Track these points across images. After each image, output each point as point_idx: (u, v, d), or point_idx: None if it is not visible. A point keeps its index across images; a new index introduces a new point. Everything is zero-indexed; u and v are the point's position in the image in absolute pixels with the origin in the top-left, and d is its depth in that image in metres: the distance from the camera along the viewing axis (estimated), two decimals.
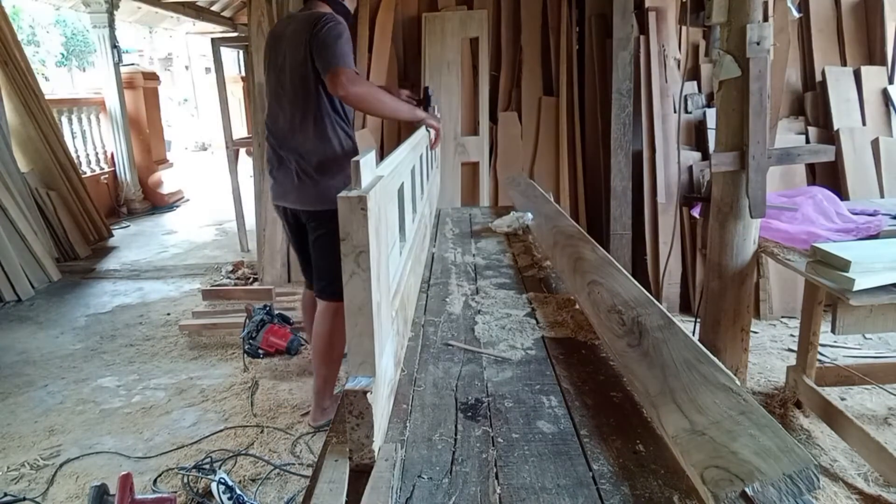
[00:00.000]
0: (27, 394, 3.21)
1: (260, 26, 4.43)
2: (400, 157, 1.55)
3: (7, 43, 5.47)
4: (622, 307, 1.50)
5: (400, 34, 4.62)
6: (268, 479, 2.42)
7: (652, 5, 4.01)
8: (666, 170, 3.96)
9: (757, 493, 0.83)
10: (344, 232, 1.00)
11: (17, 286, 4.66)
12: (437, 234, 2.91)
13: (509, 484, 1.02)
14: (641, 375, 1.22)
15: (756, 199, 2.49)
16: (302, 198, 2.42)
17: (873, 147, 3.87)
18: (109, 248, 6.17)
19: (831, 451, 2.43)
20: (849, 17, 4.03)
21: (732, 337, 2.70)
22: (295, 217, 2.53)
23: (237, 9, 9.46)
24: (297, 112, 2.37)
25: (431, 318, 1.81)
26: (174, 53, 18.24)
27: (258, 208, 4.61)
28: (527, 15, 4.48)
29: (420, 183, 2.27)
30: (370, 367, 1.06)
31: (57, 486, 2.44)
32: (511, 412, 1.25)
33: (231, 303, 4.29)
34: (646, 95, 4.01)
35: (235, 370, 3.38)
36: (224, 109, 5.39)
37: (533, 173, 4.46)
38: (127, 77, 7.54)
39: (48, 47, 17.61)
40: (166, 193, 8.17)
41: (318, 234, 2.45)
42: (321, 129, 2.36)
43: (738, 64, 2.43)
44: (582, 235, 2.21)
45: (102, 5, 6.91)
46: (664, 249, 3.90)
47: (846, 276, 2.00)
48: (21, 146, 5.61)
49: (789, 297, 3.80)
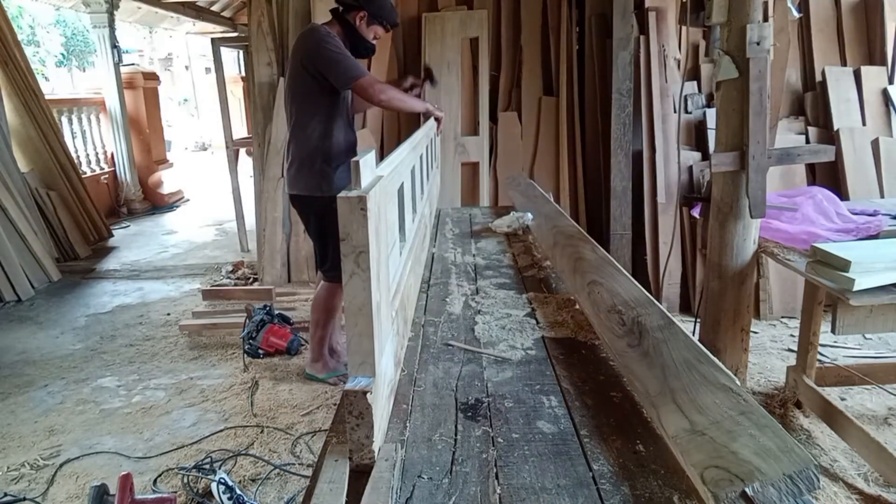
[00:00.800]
0: (27, 394, 3.21)
1: (260, 26, 4.43)
2: (400, 157, 1.55)
3: (7, 43, 5.48)
4: (622, 307, 1.50)
5: (400, 34, 4.61)
6: (268, 479, 2.42)
7: (652, 5, 4.01)
8: (666, 170, 3.96)
9: (757, 494, 0.83)
10: (344, 232, 1.00)
11: (17, 286, 4.66)
12: (437, 234, 2.91)
13: (509, 484, 1.02)
14: (641, 375, 1.22)
15: (756, 199, 2.49)
16: (287, 183, 2.85)
17: (873, 147, 3.87)
18: (109, 248, 6.17)
19: (831, 451, 2.43)
20: (849, 17, 4.03)
21: (732, 337, 2.70)
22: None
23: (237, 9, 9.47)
24: (290, 113, 2.77)
25: (431, 318, 1.81)
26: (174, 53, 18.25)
27: (258, 208, 4.61)
28: (527, 15, 4.48)
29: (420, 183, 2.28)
30: (370, 368, 1.06)
31: (57, 486, 2.44)
32: (511, 412, 1.25)
33: (231, 303, 4.29)
34: (646, 95, 4.01)
35: (235, 370, 3.38)
36: (224, 109, 5.39)
37: (533, 173, 4.46)
38: (127, 77, 7.55)
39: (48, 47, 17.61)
40: (166, 193, 8.17)
41: (306, 220, 2.91)
42: (301, 129, 2.72)
43: (738, 64, 2.43)
44: (582, 235, 2.21)
45: (102, 5, 6.91)
46: (664, 249, 3.90)
47: (846, 276, 2.00)
48: (21, 146, 5.61)
49: (789, 297, 3.80)
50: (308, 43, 2.62)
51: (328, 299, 2.96)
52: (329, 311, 2.99)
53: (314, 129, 2.69)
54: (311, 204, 2.77)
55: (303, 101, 2.69)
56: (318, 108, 2.68)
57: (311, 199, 2.75)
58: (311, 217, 2.85)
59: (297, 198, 2.82)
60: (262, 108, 4.53)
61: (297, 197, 2.82)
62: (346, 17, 2.73)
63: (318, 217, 2.78)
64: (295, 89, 2.71)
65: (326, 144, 2.71)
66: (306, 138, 2.71)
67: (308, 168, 2.72)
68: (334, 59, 2.57)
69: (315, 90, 2.65)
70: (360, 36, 2.73)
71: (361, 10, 2.69)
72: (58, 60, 17.80)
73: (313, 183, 2.72)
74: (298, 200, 2.83)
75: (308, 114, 2.69)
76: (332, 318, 3.03)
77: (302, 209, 2.88)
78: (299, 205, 2.87)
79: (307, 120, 2.69)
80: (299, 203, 2.85)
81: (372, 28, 2.75)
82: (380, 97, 2.65)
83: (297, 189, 2.78)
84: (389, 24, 2.80)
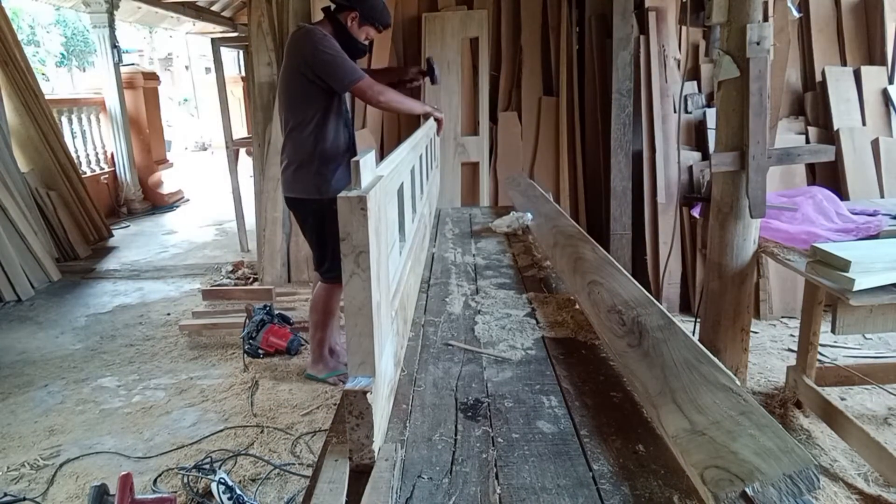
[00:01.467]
0: (27, 394, 3.21)
1: (260, 26, 4.43)
2: (400, 157, 1.55)
3: (7, 43, 5.47)
4: (622, 307, 1.50)
5: (400, 34, 4.61)
6: (268, 479, 2.42)
7: (652, 5, 4.01)
8: (666, 170, 3.96)
9: (757, 494, 0.83)
10: (344, 232, 1.00)
11: (17, 286, 4.66)
12: (437, 234, 2.91)
13: (509, 484, 1.02)
14: (641, 375, 1.22)
15: (756, 199, 2.49)
16: (283, 185, 2.83)
17: (873, 147, 3.87)
18: (109, 248, 6.17)
19: (831, 451, 2.43)
20: (849, 17, 4.03)
21: (732, 337, 2.70)
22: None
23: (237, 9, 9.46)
24: (282, 116, 2.76)
25: (431, 318, 1.81)
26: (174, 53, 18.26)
27: (258, 208, 4.61)
28: (527, 15, 4.48)
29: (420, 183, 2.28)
30: (370, 367, 1.06)
31: (57, 486, 2.44)
32: (511, 412, 1.25)
33: (231, 303, 4.29)
34: (646, 95, 4.01)
35: (235, 370, 3.38)
36: (224, 109, 5.39)
37: (533, 173, 4.46)
38: (127, 77, 7.55)
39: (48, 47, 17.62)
40: (166, 193, 8.17)
41: (302, 222, 2.88)
42: (298, 132, 2.69)
43: (738, 64, 2.43)
44: (582, 235, 2.21)
45: (102, 5, 6.91)
46: (664, 249, 3.90)
47: (846, 276, 2.00)
48: (21, 146, 5.61)
49: (789, 297, 3.80)
50: (305, 46, 2.58)
51: (327, 301, 2.95)
52: (328, 313, 2.98)
53: (311, 132, 2.67)
54: (309, 206, 2.75)
55: (300, 102, 2.65)
56: (315, 111, 2.65)
57: (308, 202, 2.73)
58: (308, 219, 2.82)
59: (293, 200, 2.80)
60: (262, 108, 4.53)
61: (294, 199, 2.80)
62: (337, 17, 2.70)
63: (316, 219, 2.77)
64: (290, 91, 2.68)
65: (323, 146, 2.69)
66: (303, 140, 2.68)
67: (305, 170, 2.70)
68: (333, 63, 2.55)
69: (311, 92, 2.62)
70: (351, 36, 2.70)
71: (353, 10, 2.66)
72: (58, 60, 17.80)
73: (311, 185, 2.70)
74: (295, 203, 2.81)
75: (304, 116, 2.66)
76: (332, 319, 3.01)
77: (299, 211, 2.86)
78: (296, 207, 2.84)
79: (303, 122, 2.66)
80: (296, 205, 2.83)
81: (364, 29, 2.72)
82: (379, 99, 2.64)
83: (295, 192, 2.76)
84: (381, 25, 2.76)
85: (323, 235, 2.78)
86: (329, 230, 2.74)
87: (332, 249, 2.77)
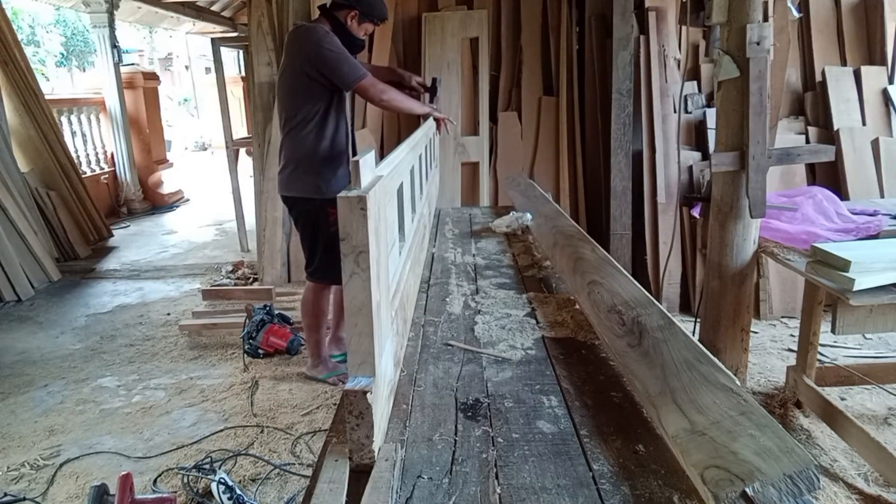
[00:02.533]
0: (27, 394, 3.21)
1: (260, 26, 4.43)
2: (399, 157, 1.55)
3: (7, 43, 5.47)
4: (622, 307, 1.50)
5: (400, 34, 4.61)
6: (268, 479, 2.42)
7: (652, 5, 4.01)
8: (666, 170, 3.96)
9: (757, 494, 0.83)
10: (344, 232, 1.00)
11: (17, 286, 4.66)
12: (437, 234, 2.91)
13: (509, 484, 1.02)
14: (641, 375, 1.22)
15: (756, 199, 2.49)
16: (281, 185, 2.81)
17: (873, 147, 3.87)
18: (109, 248, 6.17)
19: (831, 451, 2.42)
20: (849, 17, 4.03)
21: (732, 337, 2.70)
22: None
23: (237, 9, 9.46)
24: (282, 114, 2.76)
25: (431, 318, 1.81)
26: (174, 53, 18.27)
27: (258, 208, 4.61)
28: (527, 15, 4.48)
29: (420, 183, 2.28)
30: (370, 367, 1.06)
31: (57, 486, 2.44)
32: (511, 412, 1.25)
33: (231, 303, 4.29)
34: (646, 95, 4.01)
35: (235, 370, 3.38)
36: (224, 109, 5.39)
37: (533, 173, 4.46)
38: (127, 77, 7.54)
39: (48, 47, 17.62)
40: (166, 193, 8.17)
41: (297, 221, 2.88)
42: (297, 130, 2.68)
43: (738, 64, 2.43)
44: (582, 235, 2.21)
45: (102, 5, 6.91)
46: (664, 249, 3.90)
47: (846, 276, 2.00)
48: (21, 146, 5.61)
49: (789, 297, 3.80)
50: (307, 43, 2.57)
51: (315, 301, 2.93)
52: (318, 315, 2.97)
53: (311, 130, 2.66)
54: (307, 206, 2.74)
55: (301, 100, 2.64)
56: (316, 108, 2.64)
57: (306, 202, 2.72)
58: (305, 219, 2.80)
59: (292, 199, 2.79)
60: (262, 108, 4.53)
61: (292, 199, 2.78)
62: (335, 15, 2.70)
63: (312, 219, 2.76)
64: (291, 90, 2.66)
65: (324, 145, 2.68)
66: (303, 139, 2.67)
67: (304, 170, 2.69)
68: (337, 61, 2.55)
69: (313, 90, 2.61)
70: (350, 33, 2.70)
71: (353, 9, 2.66)
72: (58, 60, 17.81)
73: (311, 185, 2.69)
74: (293, 202, 2.80)
75: (305, 114, 2.64)
76: (323, 319, 3.01)
77: (296, 210, 2.84)
78: (293, 206, 2.83)
79: (304, 120, 2.65)
80: (294, 205, 2.81)
81: (363, 26, 2.73)
82: (381, 97, 2.67)
83: (294, 191, 2.74)
84: (379, 19, 2.77)
85: (314, 236, 2.77)
86: (321, 231, 2.75)
87: (322, 250, 2.79)
